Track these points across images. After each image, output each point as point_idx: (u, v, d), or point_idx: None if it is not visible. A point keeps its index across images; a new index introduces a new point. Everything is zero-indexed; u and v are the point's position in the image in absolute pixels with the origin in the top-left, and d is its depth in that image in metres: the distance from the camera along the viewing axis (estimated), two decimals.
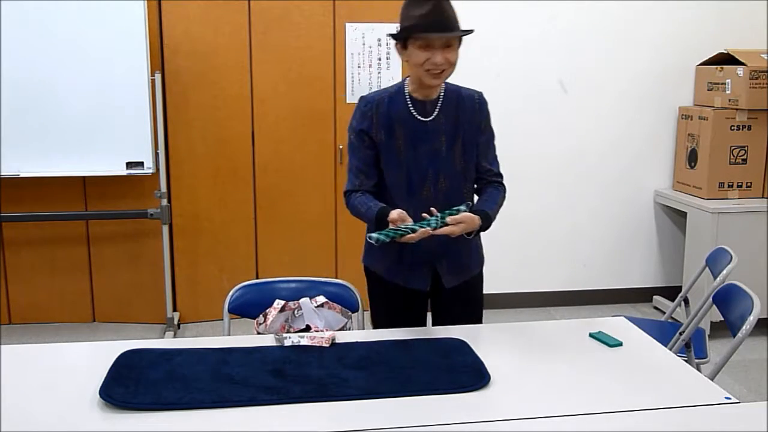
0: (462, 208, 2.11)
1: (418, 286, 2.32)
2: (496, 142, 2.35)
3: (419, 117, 2.22)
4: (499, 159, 2.36)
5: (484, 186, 2.35)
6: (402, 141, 2.22)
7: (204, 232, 4.32)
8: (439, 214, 2.08)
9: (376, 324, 2.41)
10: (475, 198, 2.36)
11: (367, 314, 2.44)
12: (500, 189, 2.35)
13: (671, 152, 4.62)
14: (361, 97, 2.29)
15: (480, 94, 2.31)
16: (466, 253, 2.35)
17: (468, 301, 2.41)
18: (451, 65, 2.12)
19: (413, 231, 2.02)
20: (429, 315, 2.46)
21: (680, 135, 4.52)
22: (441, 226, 2.06)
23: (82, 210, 4.16)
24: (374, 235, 2.02)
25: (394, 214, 2.06)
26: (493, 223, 2.26)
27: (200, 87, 4.14)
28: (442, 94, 2.25)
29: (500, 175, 2.36)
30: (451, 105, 2.25)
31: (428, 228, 2.05)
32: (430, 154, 2.22)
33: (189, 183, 4.24)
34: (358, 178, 2.27)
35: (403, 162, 2.23)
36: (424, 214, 2.08)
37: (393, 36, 2.17)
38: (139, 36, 3.75)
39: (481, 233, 2.26)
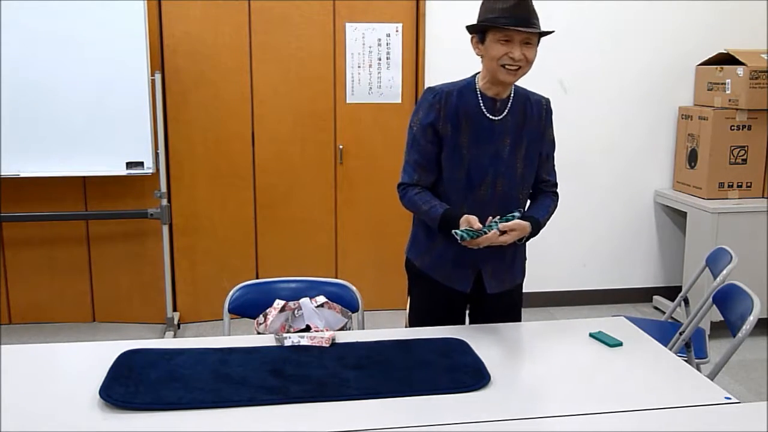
0: (516, 214, 2.13)
1: (460, 287, 2.28)
2: None
3: (488, 115, 2.20)
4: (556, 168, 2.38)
5: (538, 194, 2.35)
6: (467, 137, 2.19)
7: (204, 232, 4.32)
8: (497, 220, 2.08)
9: (411, 322, 2.39)
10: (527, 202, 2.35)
11: (368, 314, 2.44)
12: (554, 198, 2.36)
13: (671, 152, 4.62)
14: (428, 88, 2.23)
15: (548, 101, 2.31)
16: (512, 259, 2.33)
17: (508, 312, 2.37)
18: (528, 63, 2.11)
19: (485, 233, 2.02)
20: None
21: (680, 135, 4.52)
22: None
23: (82, 210, 4.16)
24: (459, 231, 2.02)
25: (471, 218, 2.05)
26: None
27: (200, 87, 4.14)
28: (512, 95, 2.24)
29: (556, 185, 2.38)
30: (519, 107, 2.24)
31: (496, 231, 2.04)
32: (492, 154, 2.20)
33: (189, 183, 4.24)
34: (416, 172, 2.23)
35: (464, 159, 2.19)
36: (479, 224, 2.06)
37: (471, 28, 2.15)
38: (139, 36, 3.75)
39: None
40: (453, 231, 2.05)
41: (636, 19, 4.42)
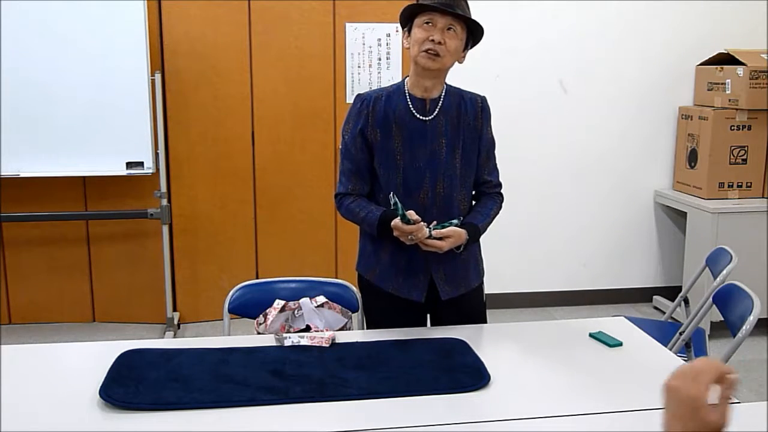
0: (454, 221, 2.11)
1: (414, 296, 2.22)
2: (497, 143, 2.33)
3: (418, 116, 2.16)
4: (498, 165, 2.32)
5: (480, 196, 2.30)
6: (399, 141, 2.15)
7: (204, 232, 4.32)
8: (433, 226, 2.07)
9: None
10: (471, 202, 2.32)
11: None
12: (497, 200, 2.30)
13: (671, 152, 4.62)
14: (357, 95, 2.21)
15: (483, 99, 2.25)
16: (465, 262, 2.26)
17: (468, 317, 2.30)
18: (449, 52, 2.08)
19: (415, 222, 2.02)
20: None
21: (680, 135, 4.52)
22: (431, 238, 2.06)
23: (82, 210, 4.16)
24: (397, 199, 2.01)
25: (411, 212, 2.04)
26: (492, 224, 2.26)
27: (200, 87, 4.14)
28: (443, 94, 2.19)
29: (499, 185, 2.32)
30: (452, 106, 2.19)
31: (425, 229, 2.04)
32: (428, 156, 2.16)
33: (189, 183, 4.24)
34: (351, 181, 2.21)
35: (399, 163, 2.16)
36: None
37: (402, 20, 2.14)
38: (139, 36, 3.75)
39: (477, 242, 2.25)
40: (391, 193, 2.03)
41: (636, 19, 4.42)
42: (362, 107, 2.17)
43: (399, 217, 2.02)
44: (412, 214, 2.03)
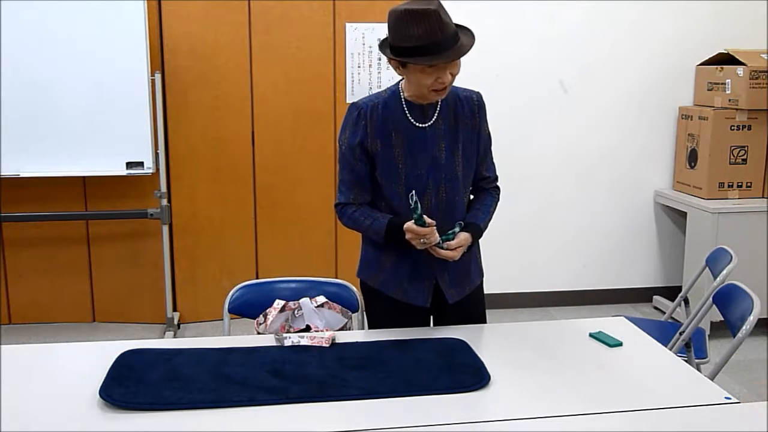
0: (456, 230, 2.11)
1: (419, 301, 2.21)
2: (496, 142, 2.33)
3: (417, 123, 2.13)
4: (497, 164, 2.32)
5: (478, 192, 2.30)
6: (400, 149, 2.12)
7: (204, 232, 4.32)
8: (438, 238, 2.06)
9: None
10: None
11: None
12: (494, 195, 2.30)
13: (671, 152, 4.62)
14: (352, 105, 2.14)
15: (479, 95, 2.23)
16: (466, 263, 2.26)
17: (471, 317, 2.30)
18: (454, 77, 2.05)
19: (429, 225, 2.01)
20: None
21: (680, 135, 4.52)
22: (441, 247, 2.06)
23: (82, 210, 4.16)
24: (416, 197, 1.97)
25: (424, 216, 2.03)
26: (492, 224, 2.26)
27: (200, 87, 4.14)
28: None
29: (497, 178, 2.32)
30: (449, 108, 2.17)
31: (437, 235, 2.04)
32: (429, 162, 2.14)
33: (189, 183, 4.24)
34: (351, 191, 2.18)
35: (401, 172, 2.13)
36: None
37: (383, 50, 2.05)
38: (139, 36, 3.75)
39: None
40: (412, 192, 1.98)
41: (636, 19, 4.43)
42: (359, 117, 2.12)
43: (414, 219, 2.00)
44: (425, 217, 2.02)
